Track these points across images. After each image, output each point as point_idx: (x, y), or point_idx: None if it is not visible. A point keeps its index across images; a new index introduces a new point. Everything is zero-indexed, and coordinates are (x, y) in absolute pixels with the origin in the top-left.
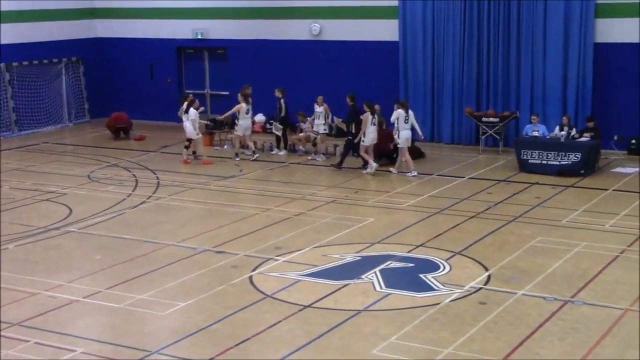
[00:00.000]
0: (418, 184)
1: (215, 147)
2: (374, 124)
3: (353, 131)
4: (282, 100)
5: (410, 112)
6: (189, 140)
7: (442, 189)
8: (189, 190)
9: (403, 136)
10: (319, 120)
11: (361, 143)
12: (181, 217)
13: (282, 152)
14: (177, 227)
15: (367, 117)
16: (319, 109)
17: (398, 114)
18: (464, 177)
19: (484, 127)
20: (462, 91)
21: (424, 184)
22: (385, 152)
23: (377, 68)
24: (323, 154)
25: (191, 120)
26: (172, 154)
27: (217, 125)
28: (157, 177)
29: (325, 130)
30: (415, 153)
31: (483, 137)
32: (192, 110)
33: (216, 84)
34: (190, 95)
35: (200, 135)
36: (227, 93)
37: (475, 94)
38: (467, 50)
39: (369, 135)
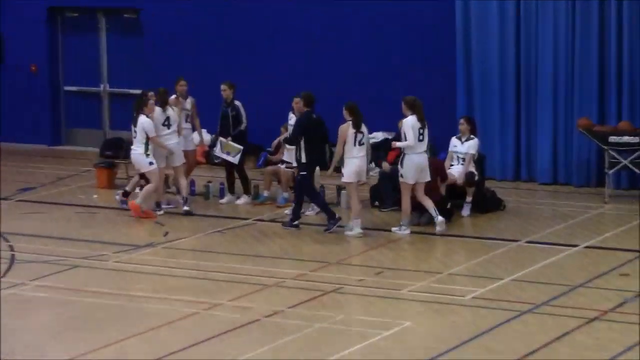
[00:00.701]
0: (489, 260)
1: (116, 193)
2: (361, 144)
3: (302, 157)
4: (236, 104)
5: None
6: (143, 175)
7: (535, 268)
8: (70, 270)
9: (411, 164)
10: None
11: (343, 179)
12: (52, 321)
13: (242, 200)
14: (44, 339)
15: (345, 130)
16: (293, 119)
17: (409, 123)
18: (575, 246)
19: (612, 152)
20: (571, 92)
21: (500, 259)
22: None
23: (416, 52)
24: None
25: (139, 134)
26: (39, 203)
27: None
28: (10, 246)
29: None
30: (485, 202)
31: (611, 171)
32: (141, 118)
33: (120, 75)
34: (151, 93)
35: (154, 166)
36: (139, 92)
37: (597, 97)
38: (581, 26)
39: (351, 163)
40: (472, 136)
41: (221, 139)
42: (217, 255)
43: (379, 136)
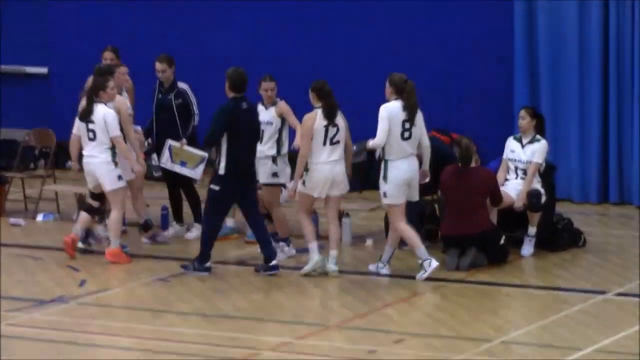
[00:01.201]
0: (561, 321)
1: (11, 220)
2: (334, 143)
3: (220, 166)
4: (180, 88)
5: (419, 115)
6: (97, 197)
7: (629, 334)
8: None
9: (398, 176)
10: (268, 146)
11: (298, 189)
12: None
13: (194, 233)
14: None
15: (310, 121)
16: (267, 115)
17: (386, 112)
18: None
19: None
20: None
21: (577, 321)
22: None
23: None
24: (284, 240)
25: (100, 133)
26: None
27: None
28: None
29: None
30: (557, 235)
31: None
32: (100, 107)
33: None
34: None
35: (122, 182)
36: (45, 71)
37: None
38: None
39: (317, 170)
40: (538, 137)
41: (172, 143)
42: (159, 315)
43: None
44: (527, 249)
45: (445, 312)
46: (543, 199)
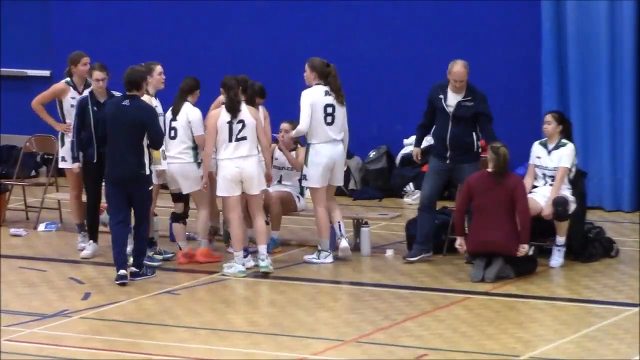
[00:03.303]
0: (594, 335)
1: (12, 230)
2: (240, 139)
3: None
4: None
5: (341, 108)
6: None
7: None
8: None
9: (317, 159)
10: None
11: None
12: None
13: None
14: None
15: (214, 117)
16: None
17: (309, 97)
18: None
19: None
20: None
21: (611, 335)
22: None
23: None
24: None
25: (183, 132)
26: None
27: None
28: None
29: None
30: (587, 245)
31: None
32: (187, 107)
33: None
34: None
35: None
36: (47, 74)
37: None
38: None
39: (222, 168)
40: (564, 141)
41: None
42: (167, 330)
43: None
44: (556, 259)
45: (470, 325)
46: (572, 206)
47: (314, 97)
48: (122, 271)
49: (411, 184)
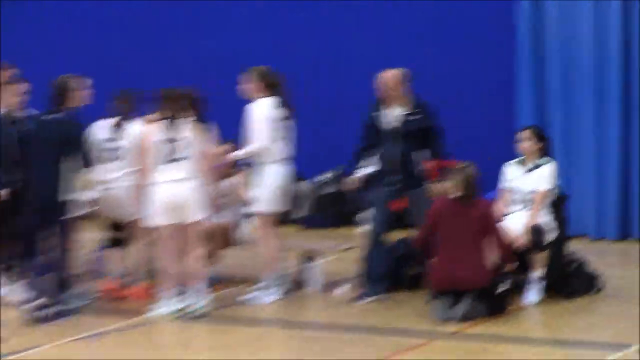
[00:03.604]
0: None
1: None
2: (178, 159)
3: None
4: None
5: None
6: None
7: None
8: None
9: (275, 180)
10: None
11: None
12: None
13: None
14: None
15: (148, 135)
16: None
17: (263, 112)
18: None
19: None
20: None
21: None
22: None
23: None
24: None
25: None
26: None
27: None
28: None
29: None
30: (568, 279)
31: None
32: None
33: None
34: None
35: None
36: None
37: None
38: None
39: (157, 192)
40: (544, 160)
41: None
42: None
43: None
44: (533, 296)
45: None
46: (550, 234)
47: (267, 111)
48: (38, 301)
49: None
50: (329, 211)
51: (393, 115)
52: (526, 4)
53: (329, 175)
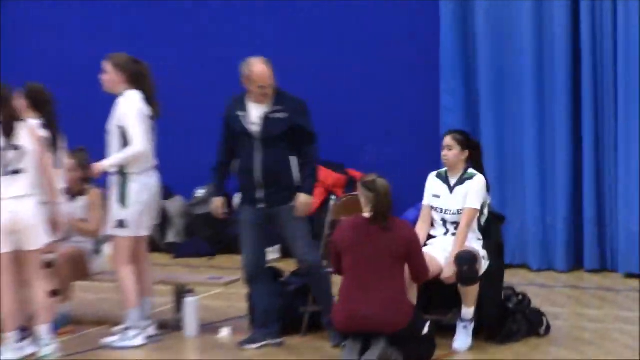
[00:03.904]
0: None
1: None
2: (15, 171)
3: None
4: None
5: None
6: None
7: None
8: None
9: (140, 193)
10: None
11: None
12: None
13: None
14: None
15: None
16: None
17: (134, 108)
18: None
19: None
20: None
21: None
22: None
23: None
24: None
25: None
26: None
27: None
28: None
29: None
30: (504, 319)
31: None
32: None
33: None
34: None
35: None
36: None
37: None
38: None
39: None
40: (471, 172)
41: None
42: None
43: None
44: (463, 340)
45: None
46: (483, 264)
47: (139, 106)
48: None
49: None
50: (205, 236)
51: (256, 115)
52: (450, 4)
53: (204, 190)
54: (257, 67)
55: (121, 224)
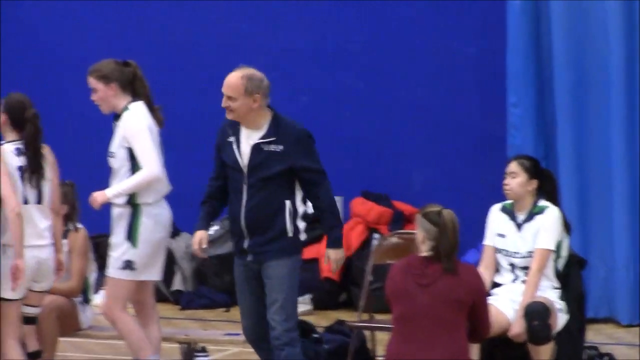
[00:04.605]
0: None
1: None
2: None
3: None
4: None
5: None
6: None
7: None
8: None
9: (150, 234)
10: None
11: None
12: None
13: None
14: None
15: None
16: None
17: (145, 121)
18: None
19: None
20: None
21: None
22: None
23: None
24: None
25: None
26: None
27: None
28: None
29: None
30: None
31: None
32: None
33: None
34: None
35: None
36: None
37: None
38: None
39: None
40: (542, 205)
41: None
42: None
43: None
44: None
45: None
46: (559, 318)
47: (148, 122)
48: None
49: None
50: (219, 283)
51: (245, 143)
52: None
53: (218, 226)
54: (228, 78)
55: (128, 265)
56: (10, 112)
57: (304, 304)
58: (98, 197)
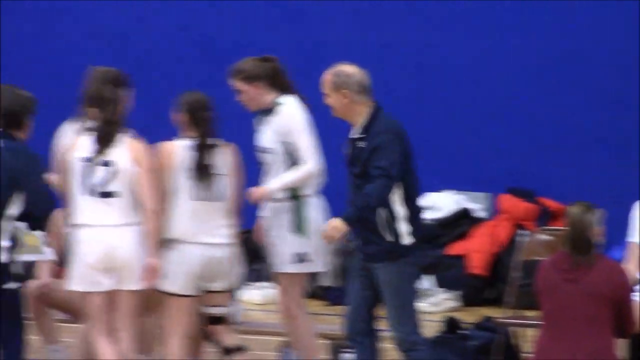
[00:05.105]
0: None
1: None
2: (107, 194)
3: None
4: None
5: None
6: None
7: None
8: None
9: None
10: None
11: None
12: None
13: None
14: None
15: (71, 146)
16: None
17: (302, 112)
18: None
19: None
20: None
21: None
22: None
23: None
24: None
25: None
26: None
27: None
28: None
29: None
30: None
31: None
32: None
33: None
34: None
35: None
36: None
37: None
38: None
39: (76, 243)
40: None
41: (17, 225)
42: None
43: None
44: None
45: None
46: None
47: (305, 115)
48: None
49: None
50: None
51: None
52: None
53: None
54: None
55: (302, 258)
56: (189, 110)
57: (452, 300)
58: (259, 191)
